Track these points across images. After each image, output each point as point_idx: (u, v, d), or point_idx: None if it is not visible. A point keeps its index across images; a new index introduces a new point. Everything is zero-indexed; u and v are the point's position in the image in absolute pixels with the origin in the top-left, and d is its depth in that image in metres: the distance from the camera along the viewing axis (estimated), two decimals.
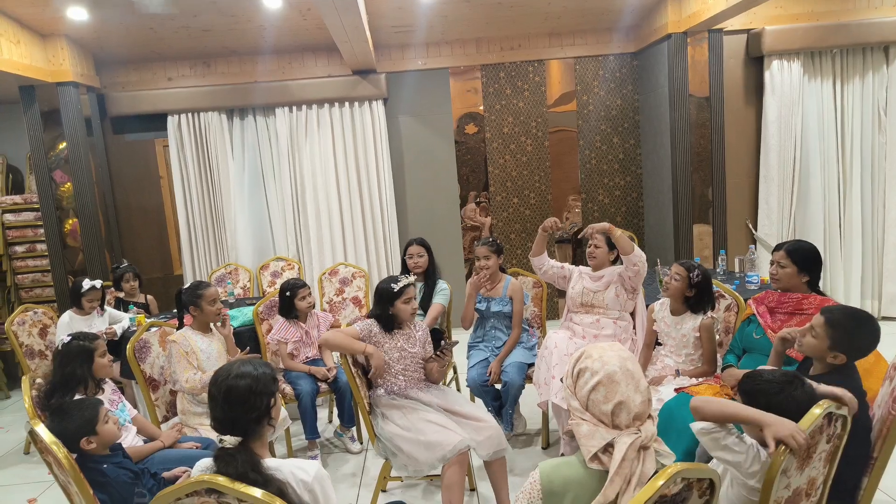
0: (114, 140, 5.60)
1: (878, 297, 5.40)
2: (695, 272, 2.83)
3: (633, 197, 5.95)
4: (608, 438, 1.45)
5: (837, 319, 2.02)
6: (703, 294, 2.86)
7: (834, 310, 2.09)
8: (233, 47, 5.30)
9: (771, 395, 1.73)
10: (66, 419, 2.09)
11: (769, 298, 2.65)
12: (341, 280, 4.82)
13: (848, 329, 1.99)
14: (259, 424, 1.64)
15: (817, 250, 2.63)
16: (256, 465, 1.54)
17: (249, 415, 1.61)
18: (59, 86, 4.87)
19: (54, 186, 5.04)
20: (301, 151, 5.56)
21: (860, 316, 2.04)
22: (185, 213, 5.56)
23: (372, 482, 3.21)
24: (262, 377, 1.66)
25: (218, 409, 1.63)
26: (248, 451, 1.57)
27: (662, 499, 1.35)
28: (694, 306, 2.87)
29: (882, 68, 5.15)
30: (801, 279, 2.57)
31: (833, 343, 1.98)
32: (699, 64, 5.03)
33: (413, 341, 2.80)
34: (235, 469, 1.50)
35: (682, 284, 2.85)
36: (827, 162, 5.23)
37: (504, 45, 5.65)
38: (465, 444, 2.48)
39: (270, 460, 1.61)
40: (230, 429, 1.60)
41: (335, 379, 3.46)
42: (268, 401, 1.66)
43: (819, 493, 1.80)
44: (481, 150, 5.86)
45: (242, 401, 1.61)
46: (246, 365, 1.68)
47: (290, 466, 1.59)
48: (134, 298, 4.43)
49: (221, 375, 1.66)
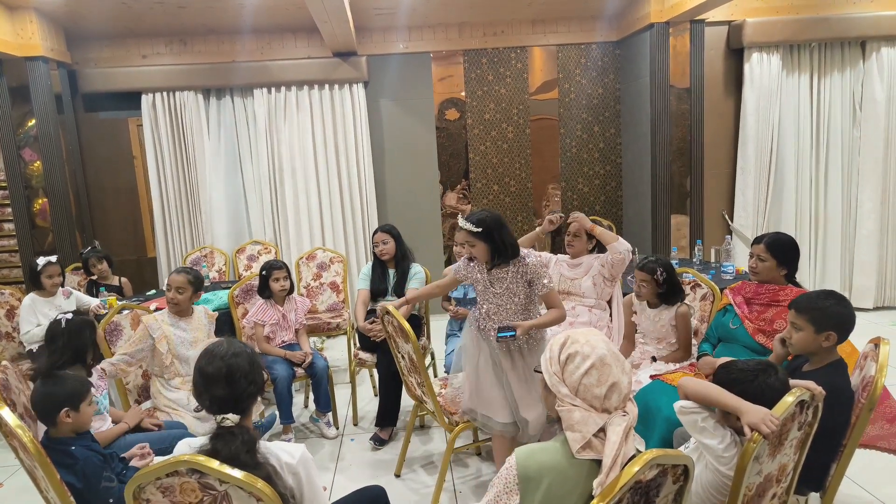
0: (85, 118, 5.45)
1: (848, 288, 5.51)
2: (657, 272, 2.86)
3: (612, 186, 5.97)
4: (601, 423, 1.45)
5: (806, 303, 2.08)
6: (672, 286, 2.91)
7: (798, 298, 2.14)
8: (210, 25, 5.18)
9: (745, 384, 1.75)
10: (57, 384, 2.08)
11: (746, 289, 2.68)
12: (319, 265, 4.77)
13: (820, 306, 2.04)
14: (254, 400, 1.67)
15: (796, 243, 2.65)
16: (252, 446, 1.53)
17: (251, 389, 1.63)
18: (27, 60, 4.71)
19: (23, 165, 4.90)
20: (279, 133, 5.47)
21: (823, 292, 2.11)
22: (159, 194, 5.45)
23: (348, 467, 3.20)
24: (252, 353, 1.69)
25: (220, 387, 1.60)
26: (245, 430, 1.57)
27: (637, 484, 1.35)
28: (668, 299, 2.92)
29: (858, 63, 5.23)
30: (780, 272, 2.59)
31: (817, 325, 2.02)
32: (680, 55, 5.05)
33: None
34: (235, 448, 1.50)
35: (651, 286, 2.90)
36: (802, 155, 5.31)
37: (487, 30, 5.61)
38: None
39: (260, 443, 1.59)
40: (231, 407, 1.59)
41: (311, 364, 3.43)
42: (262, 375, 1.69)
43: (789, 479, 1.84)
44: (462, 137, 5.82)
45: (244, 376, 1.62)
46: (233, 344, 1.68)
47: (274, 449, 1.58)
48: (107, 281, 4.33)
49: (217, 356, 1.63)
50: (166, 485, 1.45)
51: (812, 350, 2.07)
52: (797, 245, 2.65)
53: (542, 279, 2.55)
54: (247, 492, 1.43)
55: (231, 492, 1.45)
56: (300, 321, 3.64)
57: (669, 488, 1.46)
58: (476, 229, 2.48)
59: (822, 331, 2.02)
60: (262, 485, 1.43)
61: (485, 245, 2.51)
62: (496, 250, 2.51)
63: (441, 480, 2.74)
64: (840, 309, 2.04)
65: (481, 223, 2.47)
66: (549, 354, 1.56)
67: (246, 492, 1.44)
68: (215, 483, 1.44)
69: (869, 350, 2.08)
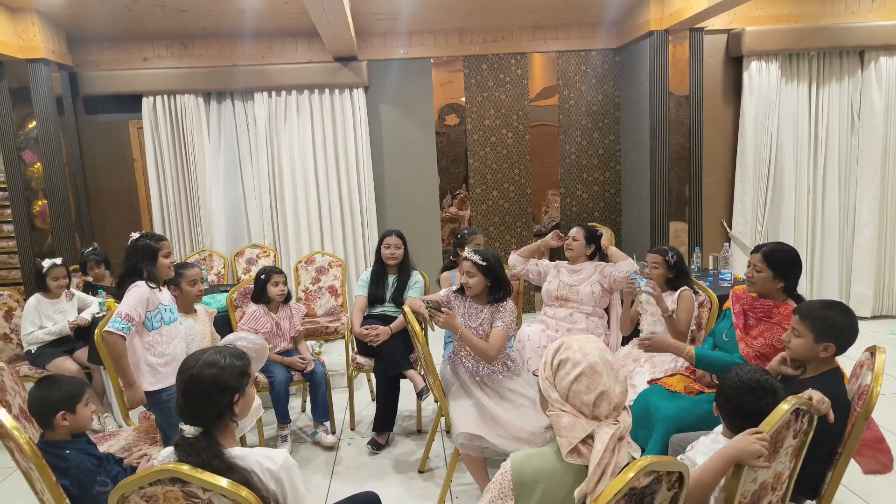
0: (86, 120, 5.46)
1: (846, 297, 5.51)
2: (669, 254, 3.06)
3: (611, 193, 5.99)
4: (589, 430, 1.45)
5: (809, 311, 2.06)
6: (681, 270, 3.08)
7: (801, 306, 2.13)
8: (211, 29, 5.20)
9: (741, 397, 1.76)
10: (52, 388, 2.07)
11: (745, 300, 2.60)
12: (318, 269, 4.77)
13: (823, 315, 2.03)
14: (221, 418, 1.57)
15: (796, 255, 2.51)
16: (218, 455, 1.50)
17: (209, 409, 1.54)
18: (29, 62, 4.73)
19: (23, 166, 4.91)
20: (279, 137, 5.48)
21: (827, 301, 2.10)
22: (158, 197, 5.45)
23: (344, 472, 3.20)
24: (228, 369, 1.58)
25: (179, 396, 1.57)
26: (209, 440, 1.53)
27: (632, 491, 1.35)
28: (675, 284, 3.06)
29: (857, 72, 5.25)
30: (775, 284, 2.48)
31: (817, 334, 2.01)
32: (680, 62, 5.07)
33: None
34: (197, 458, 1.47)
35: (662, 269, 3.07)
36: (801, 163, 5.32)
37: (487, 36, 5.63)
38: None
39: (235, 449, 1.57)
40: (191, 419, 1.55)
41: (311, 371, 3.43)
42: (231, 396, 1.57)
43: (784, 487, 1.83)
44: (462, 142, 5.83)
45: (204, 394, 1.54)
46: (216, 354, 1.61)
47: (255, 455, 1.55)
48: (103, 283, 4.33)
49: (189, 363, 1.60)
50: (149, 494, 1.44)
51: (808, 358, 2.07)
52: (798, 257, 2.51)
53: (501, 322, 2.81)
54: (230, 499, 1.42)
55: (215, 500, 1.43)
56: (296, 328, 3.62)
57: (664, 495, 1.46)
58: (482, 262, 2.80)
59: (821, 340, 2.01)
60: (247, 493, 1.41)
61: (484, 279, 2.82)
62: (492, 287, 2.84)
63: (447, 485, 2.75)
64: (843, 321, 2.03)
65: (486, 259, 2.80)
66: (544, 359, 1.57)
67: (229, 499, 1.42)
68: (198, 491, 1.43)
69: (865, 359, 2.08)
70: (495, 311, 2.86)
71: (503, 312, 2.84)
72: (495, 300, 2.85)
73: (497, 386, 2.76)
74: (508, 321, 2.83)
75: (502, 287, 2.85)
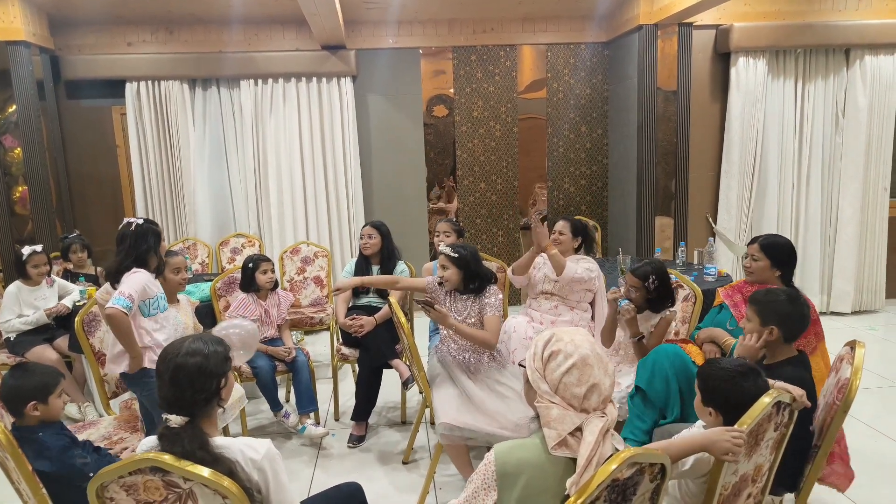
0: (67, 105, 5.36)
1: (827, 293, 5.59)
2: (649, 279, 2.75)
3: (598, 186, 6.00)
4: (578, 422, 1.45)
5: (755, 297, 2.15)
6: (663, 293, 2.80)
7: (757, 292, 2.21)
8: (197, 14, 5.12)
9: (722, 382, 1.77)
10: (25, 377, 2.04)
11: (746, 289, 2.70)
12: (303, 259, 4.74)
13: (765, 300, 2.10)
14: (208, 405, 1.59)
15: (792, 246, 2.68)
16: (204, 444, 1.49)
17: (197, 396, 1.55)
18: (9, 45, 4.62)
19: (3, 151, 4.81)
20: (265, 126, 5.42)
21: (775, 289, 2.17)
22: (142, 184, 5.38)
23: (328, 463, 3.19)
24: (213, 356, 1.60)
25: (165, 387, 1.56)
26: (195, 430, 1.53)
27: (615, 483, 1.36)
28: (655, 306, 2.83)
29: (842, 70, 5.29)
30: (773, 273, 2.63)
31: (762, 318, 2.08)
32: (668, 57, 5.08)
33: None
34: (182, 448, 1.46)
35: (641, 293, 2.79)
36: (785, 159, 5.37)
37: (477, 27, 5.60)
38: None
39: (219, 438, 1.57)
40: (177, 408, 1.54)
41: (293, 359, 3.41)
42: (217, 382, 1.59)
43: (765, 480, 1.86)
44: (450, 133, 5.82)
45: (190, 381, 1.54)
46: (197, 342, 1.62)
47: (239, 445, 1.55)
48: (83, 270, 4.27)
49: (171, 352, 1.59)
50: (129, 483, 1.43)
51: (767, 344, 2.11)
52: (793, 247, 2.68)
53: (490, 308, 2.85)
54: (212, 489, 1.41)
55: (196, 489, 1.43)
56: (282, 316, 3.61)
57: (646, 486, 1.47)
58: (453, 255, 2.83)
59: (766, 324, 2.08)
60: (229, 482, 1.41)
61: (458, 271, 2.84)
62: (467, 279, 2.85)
63: (430, 476, 2.75)
64: (787, 308, 2.08)
65: (458, 251, 2.83)
66: (533, 350, 1.56)
67: (211, 489, 1.42)
68: (179, 481, 1.42)
69: (845, 353, 2.11)
70: (479, 300, 2.87)
71: (489, 299, 2.86)
72: (471, 291, 2.87)
73: (485, 376, 2.77)
74: (497, 306, 2.86)
75: (477, 278, 2.86)
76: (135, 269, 2.57)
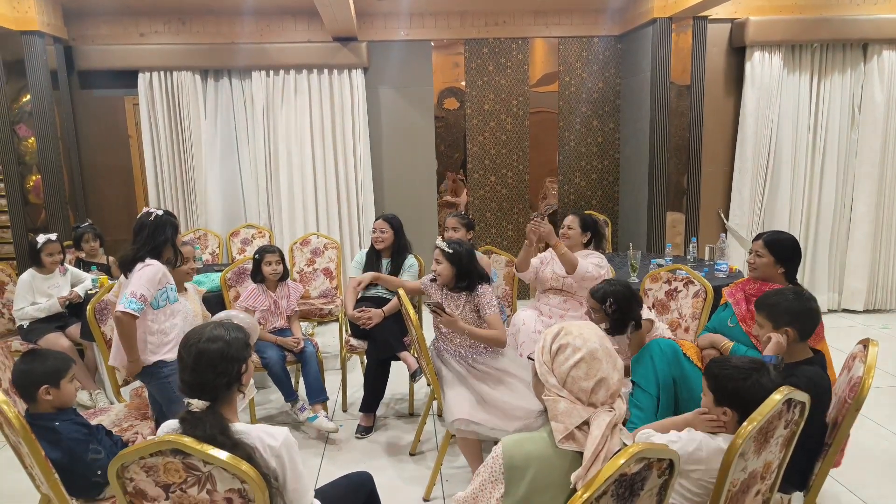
0: (81, 95, 5.39)
1: (839, 290, 5.53)
2: (607, 303, 2.47)
3: (609, 181, 5.97)
4: (585, 416, 1.45)
5: (761, 301, 2.14)
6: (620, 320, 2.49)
7: (761, 296, 2.19)
8: (210, 5, 5.13)
9: (738, 381, 1.74)
10: (36, 361, 2.07)
11: (749, 286, 2.68)
12: (313, 250, 4.75)
13: (773, 302, 2.09)
14: (229, 390, 1.61)
15: (796, 243, 2.66)
16: (224, 429, 1.52)
17: (219, 380, 1.58)
18: (23, 35, 4.65)
19: (17, 140, 4.85)
20: (277, 117, 5.43)
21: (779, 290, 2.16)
22: (154, 174, 5.41)
23: (336, 453, 3.21)
24: (234, 342, 1.63)
25: (187, 372, 1.59)
26: (216, 415, 1.55)
27: (623, 477, 1.36)
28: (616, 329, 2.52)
29: (859, 65, 5.22)
30: (777, 270, 2.61)
31: (774, 321, 2.06)
32: (682, 51, 5.03)
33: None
34: (203, 432, 1.48)
35: (599, 315, 2.53)
36: (799, 156, 5.31)
37: (489, 20, 5.57)
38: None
39: (239, 424, 1.59)
40: (199, 393, 1.57)
41: (302, 350, 3.42)
42: (239, 367, 1.63)
43: (774, 477, 1.84)
44: (461, 126, 5.80)
45: (213, 365, 1.57)
46: (219, 328, 1.65)
47: (258, 431, 1.57)
48: (95, 259, 4.30)
49: (193, 338, 1.62)
50: (150, 464, 1.45)
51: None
52: (798, 245, 2.67)
53: (487, 307, 2.88)
54: (231, 473, 1.43)
55: (215, 473, 1.44)
56: (292, 307, 3.62)
57: (654, 482, 1.46)
58: (447, 250, 2.87)
59: (779, 327, 2.05)
60: (247, 467, 1.42)
61: (450, 267, 2.88)
62: (459, 276, 2.89)
63: (437, 468, 2.76)
64: (797, 305, 2.06)
65: (453, 247, 2.87)
66: (542, 343, 1.56)
67: (230, 473, 1.43)
68: (199, 464, 1.44)
69: (858, 351, 2.09)
70: (473, 299, 2.91)
71: (483, 298, 2.89)
72: (460, 289, 2.91)
73: (485, 367, 2.78)
74: (493, 304, 2.90)
75: (467, 277, 2.89)
76: (148, 260, 2.58)
